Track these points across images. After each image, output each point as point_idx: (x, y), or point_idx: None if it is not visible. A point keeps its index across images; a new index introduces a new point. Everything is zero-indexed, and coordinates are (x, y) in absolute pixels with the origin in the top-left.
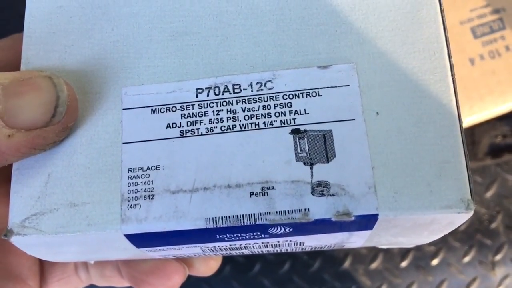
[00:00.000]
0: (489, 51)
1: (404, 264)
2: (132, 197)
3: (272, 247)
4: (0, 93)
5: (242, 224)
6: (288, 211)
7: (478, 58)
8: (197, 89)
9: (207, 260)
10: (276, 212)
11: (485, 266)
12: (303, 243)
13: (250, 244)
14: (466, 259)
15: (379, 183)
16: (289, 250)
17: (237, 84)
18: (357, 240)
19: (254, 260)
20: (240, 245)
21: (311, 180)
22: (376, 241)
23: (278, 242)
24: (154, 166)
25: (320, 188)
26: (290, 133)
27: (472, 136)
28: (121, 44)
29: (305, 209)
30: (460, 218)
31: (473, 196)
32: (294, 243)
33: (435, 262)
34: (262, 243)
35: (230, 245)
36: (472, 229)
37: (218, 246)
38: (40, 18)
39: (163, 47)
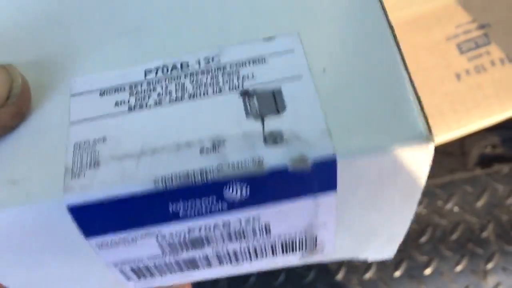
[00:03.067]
0: (475, 66)
1: (397, 274)
2: (77, 168)
3: (235, 237)
4: None
5: (193, 182)
6: (240, 162)
7: (464, 73)
8: (145, 70)
9: None
10: (228, 164)
11: (477, 274)
12: (269, 225)
13: (210, 227)
14: (458, 268)
15: (333, 127)
16: (256, 248)
17: (185, 62)
18: (325, 219)
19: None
20: (200, 229)
21: (263, 131)
22: (348, 223)
23: (240, 221)
24: (100, 138)
25: (273, 137)
26: (239, 96)
27: (462, 146)
28: (72, 44)
29: (258, 158)
30: (420, 153)
31: (430, 130)
32: (259, 227)
33: (427, 271)
34: (223, 224)
35: (189, 231)
36: (463, 239)
37: (175, 234)
38: None
39: (113, 43)
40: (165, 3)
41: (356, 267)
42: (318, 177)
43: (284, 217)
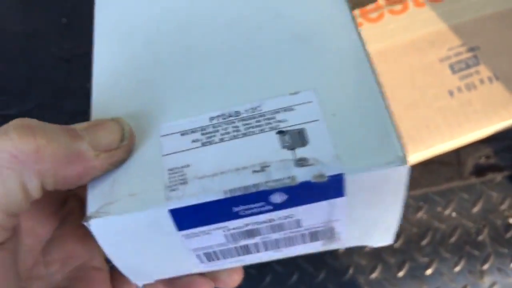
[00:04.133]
0: (465, 84)
1: (400, 274)
2: (172, 185)
3: (277, 229)
4: (84, 132)
5: (250, 191)
6: (280, 178)
7: (456, 90)
8: (210, 117)
9: (230, 274)
10: (273, 180)
11: (474, 274)
12: (300, 220)
13: (259, 222)
14: (457, 268)
15: (342, 155)
16: (291, 236)
17: (237, 111)
18: (339, 216)
19: (265, 273)
20: (253, 223)
21: (294, 158)
22: (354, 217)
23: (280, 218)
24: (186, 165)
25: (301, 162)
26: (276, 133)
27: (458, 157)
28: (155, 99)
29: (292, 176)
30: (400, 172)
31: (405, 155)
32: (293, 222)
33: (428, 272)
34: (269, 220)
35: (245, 225)
36: (461, 242)
37: (236, 227)
38: (102, 95)
39: (183, 97)
40: (216, 69)
41: (363, 267)
42: (332, 187)
43: (310, 214)
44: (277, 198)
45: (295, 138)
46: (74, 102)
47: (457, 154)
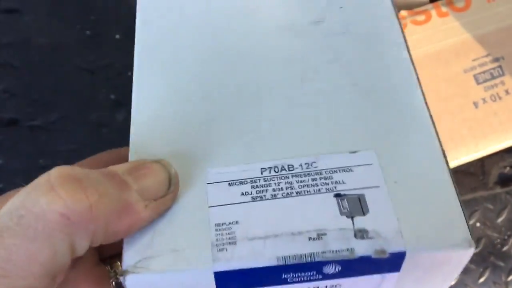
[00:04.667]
0: (490, 95)
1: None
2: (220, 243)
3: None
4: (129, 177)
5: (305, 261)
6: (338, 250)
7: (481, 101)
8: (261, 168)
9: None
10: (330, 251)
11: (499, 286)
12: None
13: None
14: (482, 280)
15: (404, 229)
16: None
17: (290, 165)
18: (386, 287)
19: None
20: None
21: (353, 228)
22: None
23: (326, 286)
24: (234, 221)
25: (361, 233)
26: (333, 197)
27: (482, 167)
28: (202, 142)
29: (351, 248)
30: (464, 255)
31: (473, 238)
32: None
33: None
34: (313, 287)
35: None
36: (486, 252)
37: None
38: (142, 129)
39: (233, 143)
40: (268, 113)
41: None
42: (390, 263)
43: (357, 285)
44: (331, 269)
45: (354, 205)
46: (99, 113)
47: (482, 164)
